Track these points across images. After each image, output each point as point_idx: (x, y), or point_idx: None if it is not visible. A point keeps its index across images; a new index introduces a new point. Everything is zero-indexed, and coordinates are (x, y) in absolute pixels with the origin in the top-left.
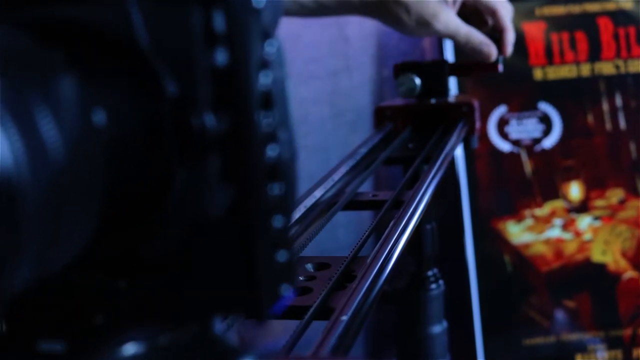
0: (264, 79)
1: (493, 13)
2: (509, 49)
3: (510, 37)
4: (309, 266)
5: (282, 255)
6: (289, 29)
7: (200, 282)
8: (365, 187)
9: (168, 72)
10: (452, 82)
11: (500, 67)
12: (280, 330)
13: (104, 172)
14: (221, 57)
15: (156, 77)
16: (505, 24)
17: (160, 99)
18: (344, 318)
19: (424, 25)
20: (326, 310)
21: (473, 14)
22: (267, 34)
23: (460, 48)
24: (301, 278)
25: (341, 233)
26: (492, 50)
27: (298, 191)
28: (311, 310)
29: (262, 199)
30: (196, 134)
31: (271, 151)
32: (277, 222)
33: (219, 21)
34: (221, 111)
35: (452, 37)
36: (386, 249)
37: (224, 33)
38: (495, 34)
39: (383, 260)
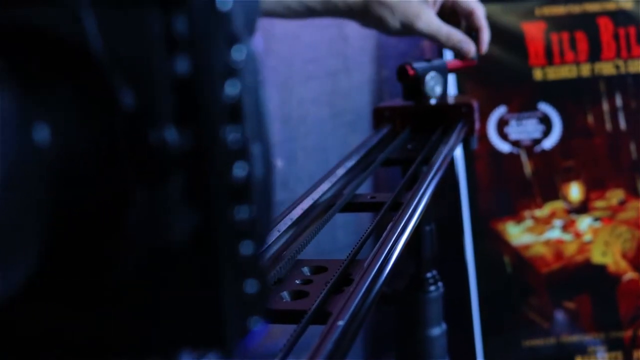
0: (231, 89)
1: (470, 13)
2: (485, 46)
3: (486, 36)
4: (306, 269)
5: (251, 286)
6: (288, 29)
7: (163, 313)
8: (365, 188)
9: (124, 82)
10: (452, 83)
11: (476, 62)
12: (278, 332)
13: (48, 195)
14: (182, 65)
15: (110, 88)
16: (482, 24)
17: (115, 112)
18: (341, 323)
19: (408, 25)
20: (323, 315)
21: (450, 14)
22: (234, 39)
23: (441, 46)
24: (298, 281)
25: (340, 234)
26: (470, 47)
27: (296, 195)
28: (308, 314)
29: (227, 224)
30: (155, 152)
31: (239, 170)
32: (246, 248)
33: (179, 26)
34: (183, 125)
35: (434, 37)
36: (384, 252)
37: (185, 39)
38: (472, 33)
39: (381, 264)
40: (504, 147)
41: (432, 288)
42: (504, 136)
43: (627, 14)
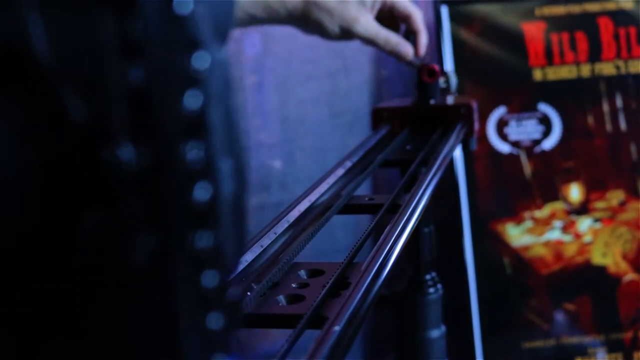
0: (191, 101)
1: (408, 17)
2: (423, 49)
3: (424, 39)
4: (302, 273)
5: (215, 321)
6: (286, 29)
7: (119, 347)
8: (364, 189)
9: (74, 93)
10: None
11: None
12: (277, 333)
13: None
14: (136, 74)
15: (59, 100)
16: (419, 27)
17: (65, 127)
18: (337, 328)
19: (346, 29)
20: (319, 319)
21: (388, 18)
22: (195, 45)
23: (380, 49)
24: (294, 285)
25: (339, 235)
26: (408, 50)
27: (294, 196)
28: (304, 319)
29: (186, 252)
30: (109, 170)
31: (201, 191)
32: (209, 279)
33: (134, 31)
34: (138, 142)
35: (372, 40)
36: (381, 255)
37: (139, 45)
38: (410, 37)
39: (378, 267)
40: (503, 147)
41: (431, 290)
42: (503, 137)
43: (627, 14)
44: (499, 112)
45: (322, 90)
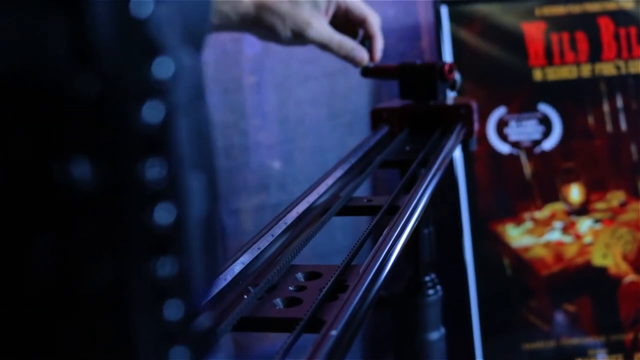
0: (151, 113)
1: (363, 21)
2: (378, 54)
3: (378, 44)
4: (300, 275)
5: (179, 355)
6: None
7: None
8: (363, 189)
9: (19, 103)
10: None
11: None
12: (276, 334)
13: None
14: (89, 83)
15: (3, 111)
16: (374, 32)
17: (10, 141)
18: (334, 333)
19: (298, 33)
20: (316, 323)
21: (344, 24)
22: (156, 51)
23: (334, 54)
24: (291, 288)
25: (338, 235)
26: (363, 55)
27: (293, 196)
28: (301, 323)
29: (145, 280)
30: (61, 189)
31: (162, 213)
32: (172, 310)
33: (86, 35)
34: (94, 158)
35: (326, 45)
36: (380, 257)
37: (91, 51)
38: (366, 42)
39: (376, 270)
40: (503, 148)
41: (431, 292)
42: (503, 137)
43: (627, 14)
44: (499, 112)
45: (322, 91)
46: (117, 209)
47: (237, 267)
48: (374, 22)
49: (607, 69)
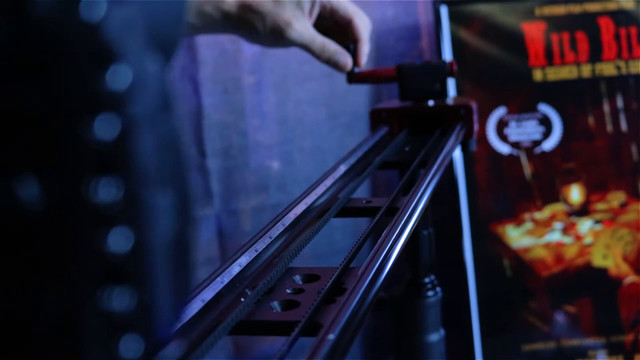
0: (103, 128)
1: (348, 23)
2: (363, 59)
3: (364, 48)
4: (297, 278)
5: None
6: None
7: None
8: (362, 190)
9: None
10: (450, 84)
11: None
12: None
13: None
14: (32, 94)
15: None
16: (360, 35)
17: None
18: (331, 337)
19: (278, 34)
20: (314, 326)
21: (332, 26)
22: (110, 58)
23: (317, 58)
24: (289, 291)
25: (338, 236)
26: (347, 59)
27: (292, 197)
28: (298, 327)
29: (97, 314)
30: (3, 212)
31: (117, 239)
32: (129, 347)
33: (27, 41)
34: (37, 178)
35: (307, 47)
36: (378, 259)
37: (34, 59)
38: (350, 45)
39: (375, 272)
40: (503, 148)
41: (430, 293)
42: (503, 138)
43: (628, 13)
44: (499, 112)
45: (321, 91)
46: (65, 233)
47: (234, 269)
48: (361, 24)
49: (607, 69)
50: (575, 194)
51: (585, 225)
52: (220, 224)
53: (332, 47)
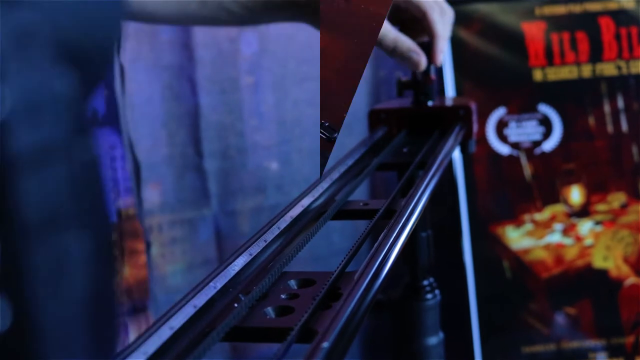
0: None
1: (423, 16)
2: (439, 57)
3: (440, 44)
4: (292, 283)
5: None
6: (283, 29)
7: None
8: (361, 191)
9: None
10: (450, 84)
11: (433, 77)
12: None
13: None
14: None
15: None
16: (435, 29)
17: None
18: (325, 345)
19: None
20: (308, 333)
21: (408, 20)
22: None
23: (388, 54)
24: (283, 296)
25: (336, 238)
26: (421, 59)
27: (290, 198)
28: (292, 333)
29: None
30: None
31: None
32: None
33: None
34: None
35: (379, 42)
36: (375, 264)
37: None
38: (427, 41)
39: (371, 277)
40: (503, 149)
41: (429, 296)
42: (503, 138)
43: (629, 13)
44: (499, 113)
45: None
46: None
47: (228, 273)
48: (437, 18)
49: (608, 69)
50: (576, 194)
51: (585, 227)
52: (218, 225)
53: (405, 44)
